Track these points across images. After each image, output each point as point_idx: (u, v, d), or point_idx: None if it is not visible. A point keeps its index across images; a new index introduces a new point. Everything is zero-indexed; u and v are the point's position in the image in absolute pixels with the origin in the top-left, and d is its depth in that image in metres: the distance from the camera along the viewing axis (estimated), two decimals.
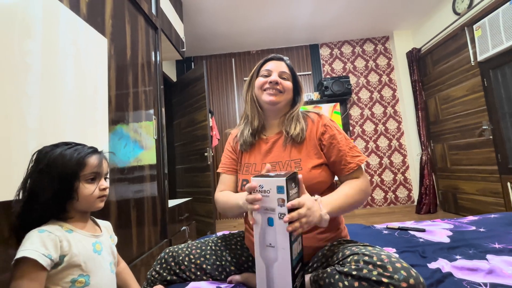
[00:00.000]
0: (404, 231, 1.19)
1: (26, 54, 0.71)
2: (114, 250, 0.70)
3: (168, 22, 1.95)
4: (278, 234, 0.55)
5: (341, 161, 0.76)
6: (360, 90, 3.49)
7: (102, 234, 0.67)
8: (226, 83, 3.54)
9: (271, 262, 0.56)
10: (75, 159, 0.59)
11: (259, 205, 0.56)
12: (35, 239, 0.51)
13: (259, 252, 0.57)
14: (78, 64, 0.92)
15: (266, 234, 0.56)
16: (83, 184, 0.60)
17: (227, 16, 2.75)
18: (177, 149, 2.99)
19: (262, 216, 0.57)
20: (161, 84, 1.64)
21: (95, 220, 0.70)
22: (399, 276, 0.50)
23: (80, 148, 0.62)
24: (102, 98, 1.05)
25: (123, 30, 1.27)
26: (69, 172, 0.58)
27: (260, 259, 0.57)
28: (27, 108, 0.70)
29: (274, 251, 0.55)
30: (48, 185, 0.56)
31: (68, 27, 0.88)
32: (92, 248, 0.60)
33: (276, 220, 0.55)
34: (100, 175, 0.64)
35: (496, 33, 2.13)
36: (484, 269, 0.74)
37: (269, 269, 0.56)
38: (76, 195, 0.59)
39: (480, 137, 2.42)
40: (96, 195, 0.62)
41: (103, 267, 0.61)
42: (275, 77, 0.81)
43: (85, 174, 0.60)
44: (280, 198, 0.55)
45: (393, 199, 3.34)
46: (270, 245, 0.56)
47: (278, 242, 0.55)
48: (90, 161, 0.61)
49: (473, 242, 0.96)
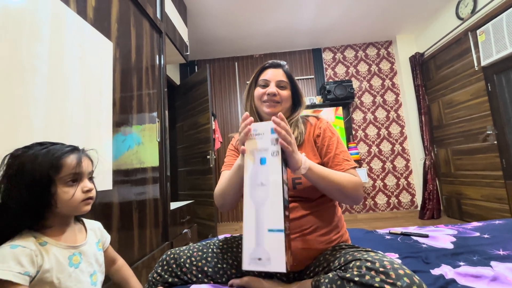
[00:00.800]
0: (407, 236, 1.18)
1: (33, 57, 0.72)
2: (99, 257, 0.64)
3: (172, 26, 1.98)
4: (270, 171, 0.56)
5: (329, 163, 0.77)
6: (362, 94, 3.48)
7: (85, 243, 0.60)
8: (229, 87, 3.56)
9: (261, 201, 0.55)
10: (48, 161, 0.52)
11: (250, 127, 0.60)
12: (8, 256, 0.46)
13: (249, 193, 0.56)
14: (84, 67, 0.93)
15: (258, 173, 0.57)
16: (61, 189, 0.53)
17: (230, 20, 2.78)
18: (179, 152, 3.00)
19: (255, 158, 0.58)
20: (165, 87, 1.66)
21: (84, 222, 0.65)
22: (402, 283, 0.50)
23: (55, 148, 0.55)
24: (107, 100, 1.06)
25: (128, 34, 1.29)
26: (43, 177, 0.51)
27: (250, 200, 0.56)
28: (34, 109, 0.71)
29: (265, 190, 0.56)
30: (19, 193, 0.50)
31: (74, 30, 0.90)
32: (68, 262, 0.54)
33: (269, 158, 0.58)
34: (81, 175, 0.57)
35: (500, 38, 2.12)
36: (488, 276, 0.73)
37: (259, 209, 0.55)
38: (54, 201, 0.53)
39: (485, 142, 2.40)
40: (78, 198, 0.55)
41: (80, 281, 0.55)
42: (273, 89, 0.82)
43: (63, 177, 0.54)
44: (274, 138, 0.59)
45: (396, 204, 3.31)
46: (261, 184, 0.56)
47: (270, 180, 0.56)
48: (67, 162, 0.54)
49: (477, 248, 0.95)
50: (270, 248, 0.51)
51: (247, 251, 0.52)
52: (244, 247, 0.52)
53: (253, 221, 0.54)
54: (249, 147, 0.60)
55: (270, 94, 0.82)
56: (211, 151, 2.46)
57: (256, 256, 0.51)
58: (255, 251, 0.52)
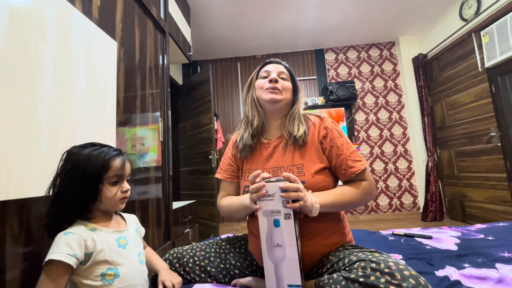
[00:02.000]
0: (411, 237, 1.17)
1: (41, 57, 0.73)
2: (140, 242, 0.72)
3: (175, 27, 1.99)
4: (284, 233, 0.60)
5: (342, 166, 0.75)
6: (365, 95, 3.48)
7: (127, 229, 0.69)
8: (232, 87, 3.57)
9: (279, 260, 0.60)
10: (100, 161, 0.60)
11: (264, 192, 0.62)
12: (61, 241, 0.56)
13: (267, 253, 0.60)
14: (89, 67, 0.94)
15: (273, 235, 0.61)
16: (106, 187, 0.61)
17: (233, 21, 2.78)
18: (181, 152, 3.01)
19: (268, 219, 0.61)
20: (168, 87, 1.66)
21: (122, 214, 0.73)
22: (407, 284, 0.50)
23: (105, 150, 0.63)
24: (111, 100, 1.06)
25: (133, 34, 1.30)
26: (94, 175, 0.60)
27: (268, 259, 0.60)
28: (41, 109, 0.72)
29: (281, 250, 0.60)
30: (72, 186, 0.58)
31: (80, 31, 0.90)
32: (116, 243, 0.63)
33: (282, 220, 0.60)
34: (123, 177, 0.65)
35: (504, 39, 2.11)
36: (493, 278, 0.72)
37: (278, 267, 0.60)
38: (100, 197, 0.61)
39: (488, 144, 2.38)
40: (118, 197, 0.64)
41: (130, 259, 0.64)
42: (274, 75, 0.83)
43: (109, 177, 0.62)
44: (285, 200, 0.60)
45: (398, 206, 3.29)
46: (277, 245, 0.60)
47: (285, 241, 0.60)
48: (114, 164, 0.62)
49: (482, 250, 0.94)
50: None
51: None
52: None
53: (273, 278, 0.60)
54: (262, 208, 0.62)
55: (272, 80, 0.82)
56: (213, 151, 2.46)
57: None
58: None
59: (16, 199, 0.63)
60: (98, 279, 0.58)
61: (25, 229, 0.65)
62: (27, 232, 0.66)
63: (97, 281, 0.57)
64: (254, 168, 0.82)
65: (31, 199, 0.67)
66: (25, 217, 0.66)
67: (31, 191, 0.67)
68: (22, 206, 0.65)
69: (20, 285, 0.63)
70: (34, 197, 0.68)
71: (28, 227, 0.66)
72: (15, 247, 0.63)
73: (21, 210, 0.65)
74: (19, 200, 0.64)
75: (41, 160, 0.70)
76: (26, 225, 0.66)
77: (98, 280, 0.58)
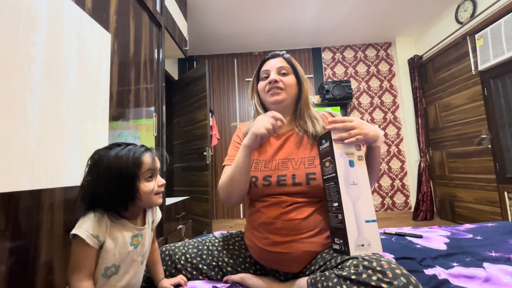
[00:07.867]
0: (402, 236, 1.19)
1: (30, 46, 0.70)
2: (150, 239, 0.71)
3: (172, 20, 1.95)
4: (359, 173, 0.66)
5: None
6: (360, 95, 3.50)
7: (146, 226, 0.68)
8: (228, 83, 3.54)
9: (356, 198, 0.65)
10: (132, 159, 0.59)
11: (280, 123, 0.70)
12: (88, 220, 0.57)
13: (345, 191, 0.65)
14: (81, 58, 0.91)
15: (349, 174, 0.66)
16: (142, 183, 0.61)
17: (231, 17, 2.76)
18: (175, 148, 2.98)
19: (344, 160, 0.67)
20: (163, 82, 1.64)
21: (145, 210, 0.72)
22: (398, 282, 0.50)
23: (133, 147, 0.63)
24: (104, 93, 1.04)
25: (127, 26, 1.27)
26: (130, 173, 0.59)
27: (347, 196, 0.64)
28: (30, 100, 0.70)
29: (357, 188, 0.65)
30: (109, 188, 0.57)
31: (72, 20, 0.88)
32: (130, 241, 0.62)
33: (356, 161, 0.67)
34: (156, 171, 0.65)
35: (497, 43, 2.15)
36: (481, 277, 0.74)
37: (355, 204, 0.64)
38: (139, 194, 0.60)
39: (479, 146, 2.43)
40: (155, 191, 0.63)
41: (134, 260, 0.64)
42: (274, 76, 0.81)
43: (143, 173, 0.61)
44: (359, 143, 0.69)
45: (390, 205, 3.34)
46: (353, 183, 0.65)
47: (360, 180, 0.66)
48: (145, 160, 0.61)
49: (470, 250, 0.96)
50: (369, 235, 0.62)
51: (352, 240, 0.61)
52: (349, 237, 0.61)
53: (352, 215, 0.63)
54: (338, 149, 0.68)
55: (272, 81, 0.80)
56: (208, 148, 2.44)
57: (360, 243, 0.61)
58: (358, 239, 0.62)
59: (1, 193, 0.62)
60: (101, 271, 0.58)
61: (12, 223, 0.64)
62: (14, 227, 0.64)
63: (97, 274, 0.58)
64: (262, 159, 0.81)
65: (18, 193, 0.65)
66: (12, 211, 0.64)
67: (18, 184, 0.66)
68: (8, 199, 0.63)
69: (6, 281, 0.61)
70: (21, 191, 0.66)
71: (15, 221, 0.65)
72: (1, 242, 0.61)
73: (8, 204, 0.63)
74: (5, 194, 0.62)
75: (29, 152, 0.68)
76: (13, 220, 0.64)
77: (101, 272, 0.58)
